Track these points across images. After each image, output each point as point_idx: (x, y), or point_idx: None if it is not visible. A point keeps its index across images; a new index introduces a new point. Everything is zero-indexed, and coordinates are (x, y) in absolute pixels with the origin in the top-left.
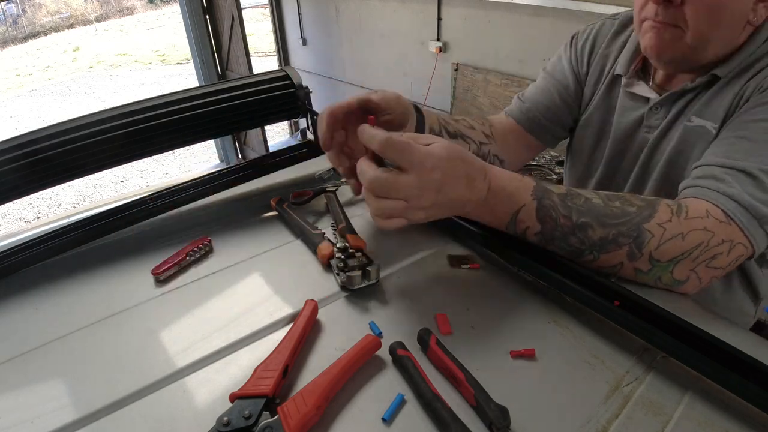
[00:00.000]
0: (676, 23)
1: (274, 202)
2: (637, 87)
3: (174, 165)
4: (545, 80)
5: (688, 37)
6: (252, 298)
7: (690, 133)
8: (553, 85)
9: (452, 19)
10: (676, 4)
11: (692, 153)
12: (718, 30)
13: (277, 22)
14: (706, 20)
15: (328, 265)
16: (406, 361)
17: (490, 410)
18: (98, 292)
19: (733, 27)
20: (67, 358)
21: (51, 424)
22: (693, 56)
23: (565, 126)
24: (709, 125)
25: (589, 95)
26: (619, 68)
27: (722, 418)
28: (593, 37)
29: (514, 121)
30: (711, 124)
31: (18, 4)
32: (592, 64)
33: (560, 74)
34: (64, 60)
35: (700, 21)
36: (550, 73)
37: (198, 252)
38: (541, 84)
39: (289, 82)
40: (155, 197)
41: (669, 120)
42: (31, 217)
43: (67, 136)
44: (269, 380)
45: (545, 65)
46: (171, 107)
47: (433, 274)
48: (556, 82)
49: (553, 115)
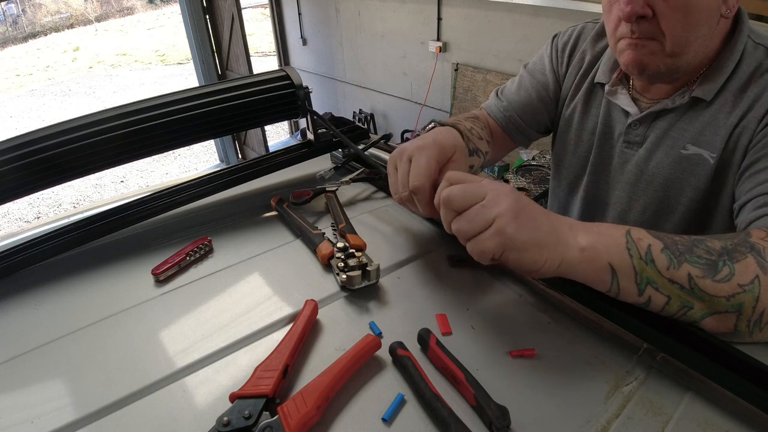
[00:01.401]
0: (653, 36)
1: (274, 202)
2: (620, 97)
3: (174, 165)
4: (525, 78)
5: (667, 46)
6: (252, 298)
7: (686, 161)
8: (532, 85)
9: (452, 19)
10: (650, 18)
11: (689, 180)
12: (694, 31)
13: (277, 22)
14: (681, 26)
15: (327, 265)
16: (406, 361)
17: (490, 410)
18: (98, 292)
19: (707, 24)
20: (67, 358)
21: (51, 424)
22: (675, 64)
23: (540, 127)
24: (707, 154)
25: (566, 95)
26: (601, 76)
27: (722, 418)
28: (575, 38)
29: (493, 120)
30: (708, 153)
31: (18, 4)
32: (572, 64)
33: (540, 73)
34: (64, 60)
35: (676, 28)
36: (530, 72)
37: (198, 252)
38: (520, 82)
39: (289, 82)
40: (155, 197)
41: (652, 140)
42: (31, 217)
43: (67, 136)
44: (269, 380)
45: (525, 63)
46: (171, 107)
47: (433, 274)
48: (536, 81)
49: (529, 116)
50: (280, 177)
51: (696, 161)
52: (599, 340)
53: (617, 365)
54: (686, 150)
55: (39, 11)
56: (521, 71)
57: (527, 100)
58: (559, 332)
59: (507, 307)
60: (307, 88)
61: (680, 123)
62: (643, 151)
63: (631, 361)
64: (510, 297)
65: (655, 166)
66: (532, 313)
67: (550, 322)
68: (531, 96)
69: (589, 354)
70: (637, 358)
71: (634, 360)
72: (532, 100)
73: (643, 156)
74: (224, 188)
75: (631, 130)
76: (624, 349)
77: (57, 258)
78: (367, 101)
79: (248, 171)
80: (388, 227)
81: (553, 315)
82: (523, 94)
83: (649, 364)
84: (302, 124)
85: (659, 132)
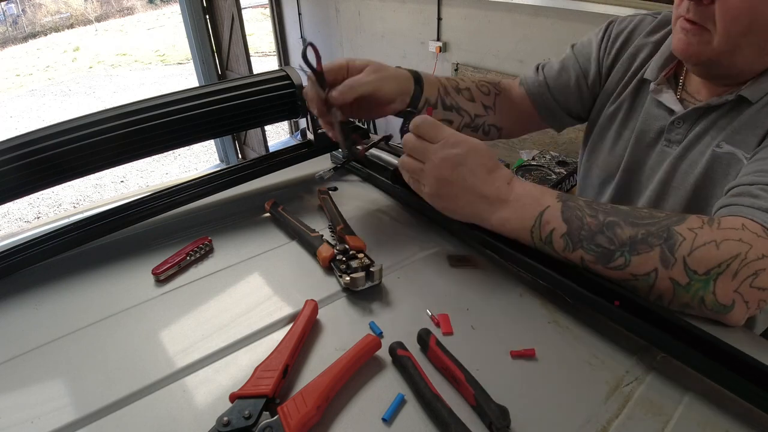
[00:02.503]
0: (704, 24)
1: (268, 206)
2: (665, 95)
3: (174, 165)
4: (568, 60)
5: (716, 40)
6: (252, 298)
7: (719, 160)
8: (574, 68)
9: (452, 19)
10: (706, 3)
11: (721, 181)
12: (748, 35)
13: (277, 22)
14: (734, 22)
15: (328, 267)
16: (406, 361)
17: (490, 410)
18: (98, 292)
19: (764, 34)
20: (67, 358)
21: (51, 424)
22: (721, 62)
23: (573, 113)
24: (740, 153)
25: (611, 90)
26: (649, 73)
27: (722, 418)
28: (629, 31)
29: (525, 93)
30: (742, 153)
31: (18, 4)
32: (621, 59)
33: (585, 58)
34: (64, 60)
35: (728, 23)
36: (576, 54)
37: (198, 252)
38: (563, 63)
39: (289, 82)
40: (155, 197)
41: (690, 138)
42: (31, 217)
43: (67, 136)
44: (269, 380)
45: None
46: (171, 107)
47: (433, 274)
48: (578, 65)
49: (564, 99)
50: (280, 177)
51: (728, 161)
52: (599, 340)
53: (617, 365)
54: (720, 148)
55: (39, 11)
56: (568, 51)
57: (566, 83)
58: (559, 332)
59: (507, 307)
60: None
61: (721, 121)
62: (680, 149)
63: (631, 361)
64: (510, 297)
65: (689, 164)
66: (532, 313)
67: (550, 322)
68: (570, 80)
69: (589, 354)
70: (637, 358)
71: (634, 360)
72: (570, 85)
73: (679, 154)
74: (224, 188)
75: (674, 127)
76: (624, 349)
77: (57, 258)
78: None
79: (248, 171)
80: (387, 227)
81: (553, 315)
82: (564, 77)
83: (649, 364)
84: (302, 124)
85: (699, 130)
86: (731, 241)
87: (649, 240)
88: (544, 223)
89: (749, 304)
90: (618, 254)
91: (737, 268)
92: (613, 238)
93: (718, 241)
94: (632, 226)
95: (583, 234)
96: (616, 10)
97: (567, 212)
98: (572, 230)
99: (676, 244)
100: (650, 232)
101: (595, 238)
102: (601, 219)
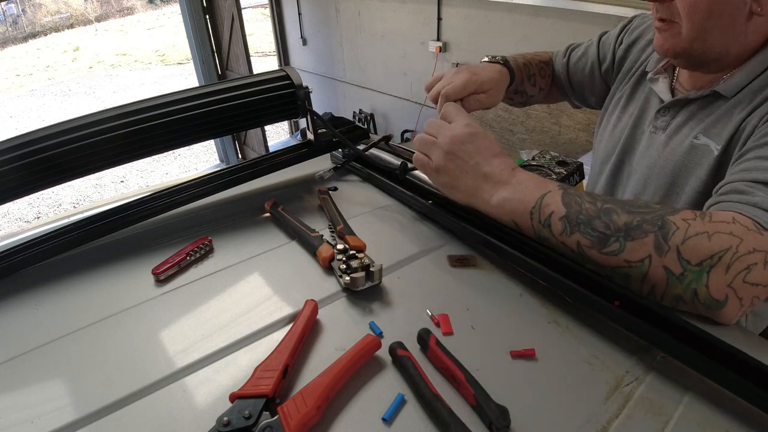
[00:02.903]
0: (673, 18)
1: (268, 206)
2: (659, 85)
3: (174, 165)
4: (591, 47)
5: (684, 30)
6: (252, 298)
7: (695, 150)
8: (592, 55)
9: (452, 19)
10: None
11: (694, 170)
12: (710, 19)
13: (277, 22)
14: (695, 10)
15: (329, 267)
16: (406, 361)
17: (490, 410)
18: (98, 292)
19: (729, 15)
20: (67, 358)
21: (51, 424)
22: (695, 48)
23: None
24: (713, 145)
25: (621, 79)
26: (650, 64)
27: (722, 418)
28: (641, 30)
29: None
30: (714, 145)
31: (18, 4)
32: (633, 51)
33: (604, 48)
34: (64, 60)
35: (690, 12)
36: (599, 43)
37: (198, 252)
38: (586, 48)
39: (289, 82)
40: (155, 197)
41: (673, 127)
42: (31, 217)
43: (67, 136)
44: (269, 380)
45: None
46: (171, 107)
47: (433, 274)
48: (597, 53)
49: (577, 83)
50: (280, 177)
51: (703, 152)
52: (599, 340)
53: (617, 365)
54: (697, 140)
55: (39, 11)
56: (595, 37)
57: (582, 69)
58: (559, 332)
59: (507, 307)
60: (307, 88)
61: (700, 114)
62: (664, 137)
63: (631, 361)
64: (510, 297)
65: (669, 152)
66: (532, 313)
67: (550, 322)
68: (586, 66)
69: (589, 354)
70: (637, 358)
71: (634, 360)
72: (585, 71)
73: (663, 142)
74: (224, 188)
75: (659, 115)
76: (624, 349)
77: (57, 258)
78: (367, 101)
79: (248, 171)
80: (387, 227)
81: (553, 315)
82: (582, 62)
83: (649, 364)
84: (302, 124)
85: (680, 120)
86: (722, 234)
87: (643, 226)
88: (544, 205)
89: (743, 301)
90: (613, 239)
91: (730, 261)
92: (609, 223)
93: (710, 233)
94: (628, 213)
95: (581, 218)
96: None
97: (567, 197)
98: (571, 213)
99: (670, 232)
100: (645, 220)
101: (592, 223)
102: (599, 205)
